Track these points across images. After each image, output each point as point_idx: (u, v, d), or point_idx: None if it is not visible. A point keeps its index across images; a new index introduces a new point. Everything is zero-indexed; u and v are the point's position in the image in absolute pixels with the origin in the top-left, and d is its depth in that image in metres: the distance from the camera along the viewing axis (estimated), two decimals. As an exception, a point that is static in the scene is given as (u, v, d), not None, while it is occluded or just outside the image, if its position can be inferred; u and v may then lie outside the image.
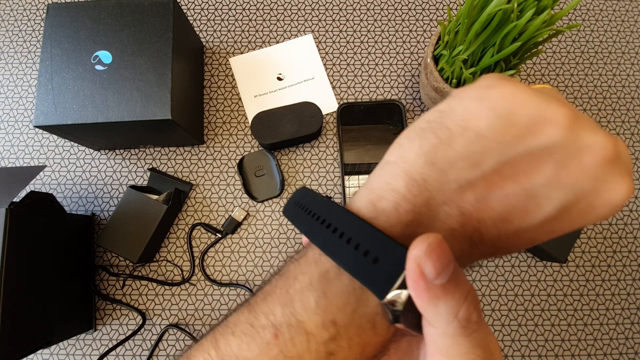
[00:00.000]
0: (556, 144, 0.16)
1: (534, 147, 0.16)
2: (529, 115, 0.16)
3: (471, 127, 0.16)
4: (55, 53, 0.41)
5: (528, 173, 0.16)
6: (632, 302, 0.46)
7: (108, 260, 0.47)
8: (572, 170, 0.16)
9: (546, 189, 0.16)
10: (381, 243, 0.16)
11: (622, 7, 0.54)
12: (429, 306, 0.15)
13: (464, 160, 0.16)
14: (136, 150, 0.50)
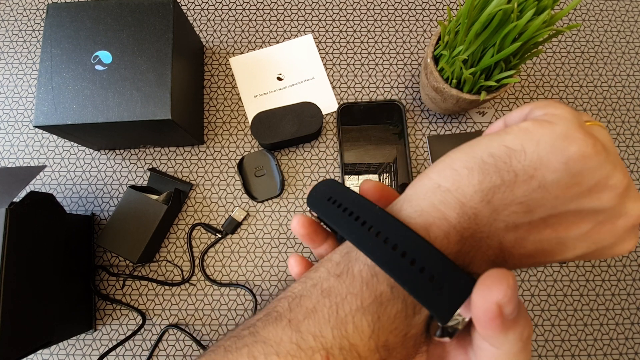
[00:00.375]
0: (606, 209, 0.17)
1: (587, 207, 0.17)
2: (596, 179, 0.17)
3: (537, 177, 0.17)
4: (55, 53, 0.41)
5: (569, 227, 0.17)
6: (632, 302, 0.46)
7: (108, 261, 0.47)
8: (604, 230, 0.18)
9: (576, 241, 0.18)
10: (447, 268, 0.16)
11: (622, 7, 0.54)
12: (500, 336, 0.15)
13: (518, 206, 0.17)
14: (136, 150, 0.50)
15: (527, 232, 0.17)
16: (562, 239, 0.18)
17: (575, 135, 0.17)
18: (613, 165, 0.17)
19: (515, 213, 0.17)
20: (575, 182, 0.17)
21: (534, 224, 0.17)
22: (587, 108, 0.51)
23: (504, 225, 0.17)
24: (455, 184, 0.18)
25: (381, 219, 0.18)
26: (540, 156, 0.17)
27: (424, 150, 0.50)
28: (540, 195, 0.17)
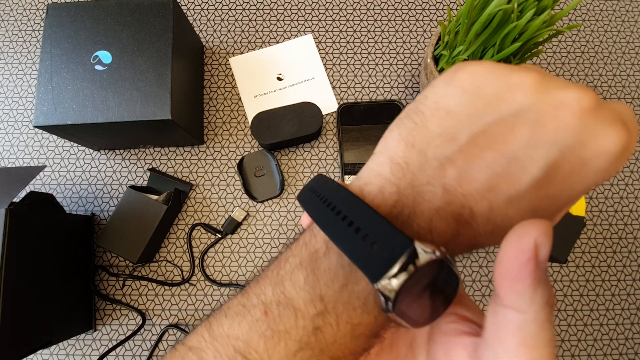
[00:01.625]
0: (527, 107, 0.16)
1: (505, 113, 0.16)
2: (495, 85, 0.16)
3: (442, 107, 0.17)
4: (55, 53, 0.41)
5: (504, 139, 0.16)
6: (632, 303, 0.46)
7: (108, 261, 0.47)
8: (549, 128, 0.15)
9: (526, 150, 0.16)
10: (381, 228, 0.16)
11: (622, 8, 0.54)
12: (529, 290, 0.14)
13: (439, 138, 0.17)
14: (136, 150, 0.50)
15: (465, 162, 0.16)
16: (509, 155, 0.16)
17: (463, 64, 0.18)
18: (510, 69, 0.17)
19: (439, 146, 0.17)
20: (478, 95, 0.17)
21: (465, 150, 0.16)
22: (587, 108, 0.51)
23: (437, 164, 0.17)
24: (383, 145, 0.19)
25: (331, 189, 0.19)
26: (438, 92, 0.18)
27: (424, 150, 0.50)
28: (453, 120, 0.17)
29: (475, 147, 0.16)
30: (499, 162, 0.16)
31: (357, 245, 0.16)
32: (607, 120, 0.15)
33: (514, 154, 0.16)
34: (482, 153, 0.16)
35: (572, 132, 0.15)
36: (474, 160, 0.16)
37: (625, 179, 0.49)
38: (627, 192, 0.49)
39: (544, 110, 0.16)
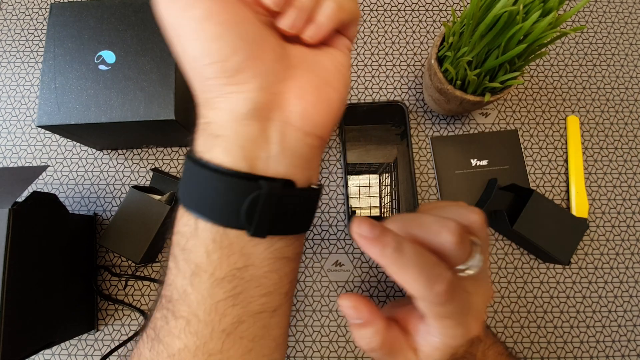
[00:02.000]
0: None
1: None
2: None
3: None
4: (58, 52, 0.41)
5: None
6: (634, 305, 0.46)
7: (110, 261, 0.47)
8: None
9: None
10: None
11: (626, 9, 0.54)
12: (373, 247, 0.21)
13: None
14: (139, 150, 0.50)
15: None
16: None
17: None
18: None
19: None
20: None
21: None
22: (590, 110, 0.51)
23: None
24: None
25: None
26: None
27: (426, 151, 0.50)
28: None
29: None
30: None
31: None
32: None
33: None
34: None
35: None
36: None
37: (628, 181, 0.49)
38: (630, 194, 0.49)
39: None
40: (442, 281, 0.19)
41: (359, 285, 0.46)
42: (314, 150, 0.19)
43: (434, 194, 0.49)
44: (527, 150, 0.50)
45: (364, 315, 0.22)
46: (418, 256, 0.20)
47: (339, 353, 0.44)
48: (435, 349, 0.22)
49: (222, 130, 0.17)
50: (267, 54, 0.18)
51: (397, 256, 0.19)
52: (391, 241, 0.19)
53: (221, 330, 0.18)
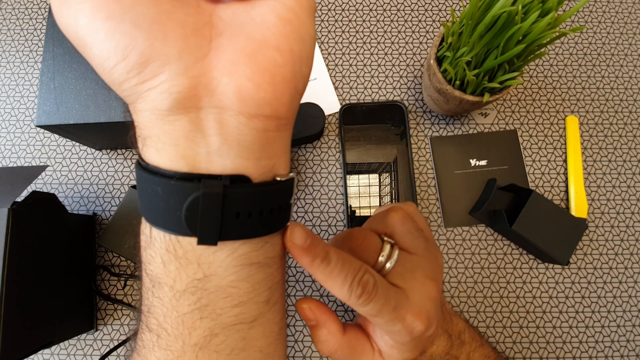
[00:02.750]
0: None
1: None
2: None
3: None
4: (57, 52, 0.41)
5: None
6: (633, 305, 0.46)
7: (109, 260, 0.47)
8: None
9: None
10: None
11: (625, 10, 0.54)
12: (304, 259, 0.21)
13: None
14: (138, 150, 0.50)
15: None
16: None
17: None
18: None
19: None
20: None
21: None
22: (589, 110, 0.51)
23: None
24: None
25: None
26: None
27: (426, 151, 0.50)
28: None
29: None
30: None
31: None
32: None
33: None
34: None
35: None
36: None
37: (627, 181, 0.49)
38: (630, 194, 0.49)
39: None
40: (361, 285, 0.20)
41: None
42: (268, 134, 0.16)
43: (433, 194, 0.49)
44: (526, 150, 0.50)
45: (318, 317, 0.23)
46: (342, 264, 0.20)
47: (338, 353, 0.44)
48: (391, 347, 0.23)
49: (149, 131, 0.15)
50: (174, 32, 0.14)
51: (324, 266, 0.20)
52: (320, 251, 0.19)
53: (193, 344, 0.17)
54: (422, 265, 0.24)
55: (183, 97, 0.14)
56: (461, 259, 0.47)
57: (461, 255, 0.47)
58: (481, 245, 0.47)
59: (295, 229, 0.18)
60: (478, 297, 0.46)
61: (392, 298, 0.21)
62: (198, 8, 0.15)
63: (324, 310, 0.24)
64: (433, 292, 0.24)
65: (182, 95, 0.14)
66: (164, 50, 0.14)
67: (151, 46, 0.14)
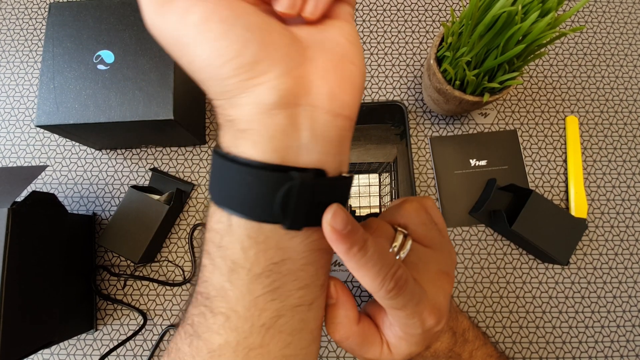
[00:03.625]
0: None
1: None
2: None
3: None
4: (57, 52, 0.41)
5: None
6: (633, 305, 0.46)
7: (109, 260, 0.47)
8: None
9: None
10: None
11: (625, 10, 0.54)
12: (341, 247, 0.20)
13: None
14: (138, 150, 0.50)
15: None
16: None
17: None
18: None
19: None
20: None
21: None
22: (589, 110, 0.51)
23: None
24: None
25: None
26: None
27: (426, 151, 0.50)
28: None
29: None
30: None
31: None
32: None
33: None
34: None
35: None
36: None
37: (627, 181, 0.49)
38: (629, 194, 0.49)
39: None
40: (394, 279, 0.20)
41: (357, 285, 0.46)
42: (344, 133, 0.19)
43: (433, 193, 0.49)
44: (526, 150, 0.50)
45: (339, 297, 0.22)
46: (378, 255, 0.20)
47: (337, 352, 0.44)
48: (400, 338, 0.23)
49: (249, 124, 0.17)
50: (278, 40, 0.17)
51: (360, 255, 0.19)
52: (359, 239, 0.19)
53: (260, 325, 0.18)
54: (436, 258, 0.24)
55: (286, 94, 0.17)
56: (461, 259, 0.47)
57: (461, 255, 0.47)
58: (481, 245, 0.47)
59: (338, 211, 0.18)
60: (478, 297, 0.46)
61: (417, 293, 0.22)
62: (285, 26, 0.19)
63: (346, 292, 0.23)
64: (446, 286, 0.24)
65: (286, 92, 0.17)
66: (272, 54, 0.17)
67: (262, 49, 0.16)
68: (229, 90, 0.17)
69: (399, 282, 0.20)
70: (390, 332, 0.23)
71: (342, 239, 0.18)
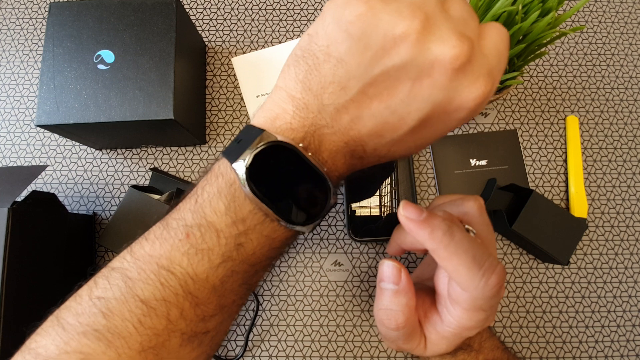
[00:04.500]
0: (408, 61, 0.17)
1: (390, 66, 0.17)
2: (381, 35, 0.17)
3: (332, 53, 0.18)
4: (57, 52, 0.41)
5: (388, 92, 0.18)
6: (633, 305, 0.46)
7: (109, 260, 0.47)
8: (425, 86, 0.17)
9: (405, 105, 0.18)
10: (245, 131, 0.20)
11: (625, 10, 0.54)
12: (422, 231, 0.21)
13: (332, 85, 0.18)
14: (138, 150, 0.50)
15: (357, 109, 0.18)
16: (392, 108, 0.18)
17: (349, 1, 0.17)
18: (396, 13, 0.16)
19: (333, 93, 0.18)
20: (364, 44, 0.17)
21: (356, 99, 0.18)
22: (589, 110, 0.51)
23: (333, 109, 0.19)
24: (283, 81, 0.20)
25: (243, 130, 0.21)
26: (327, 32, 0.18)
27: (426, 151, 0.50)
28: (343, 69, 0.18)
29: (365, 97, 0.18)
30: (383, 113, 0.18)
31: (231, 147, 0.19)
32: (472, 77, 0.17)
33: (395, 107, 0.18)
34: (370, 103, 0.18)
35: (441, 91, 0.17)
36: (364, 109, 0.18)
37: (627, 181, 0.49)
38: (630, 194, 0.49)
39: (421, 67, 0.17)
40: (496, 272, 0.19)
41: (357, 285, 0.46)
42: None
43: (433, 193, 0.49)
44: (526, 150, 0.50)
45: (403, 282, 0.21)
46: (470, 242, 0.19)
47: (337, 353, 0.44)
48: (443, 337, 0.22)
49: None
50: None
51: (447, 240, 0.18)
52: (441, 224, 0.19)
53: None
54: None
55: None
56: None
57: (461, 255, 0.47)
58: (481, 245, 0.47)
59: (407, 203, 0.19)
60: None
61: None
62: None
63: (410, 280, 0.22)
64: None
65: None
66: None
67: None
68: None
69: (500, 275, 0.19)
70: (435, 329, 0.22)
71: (422, 225, 0.18)
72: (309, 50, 0.19)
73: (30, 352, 0.19)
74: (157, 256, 0.19)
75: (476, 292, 0.19)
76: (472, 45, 0.16)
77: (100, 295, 0.19)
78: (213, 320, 0.20)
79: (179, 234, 0.19)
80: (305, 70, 0.19)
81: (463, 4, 0.18)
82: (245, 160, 0.18)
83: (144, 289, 0.19)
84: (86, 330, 0.18)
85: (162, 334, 0.19)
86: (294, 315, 0.45)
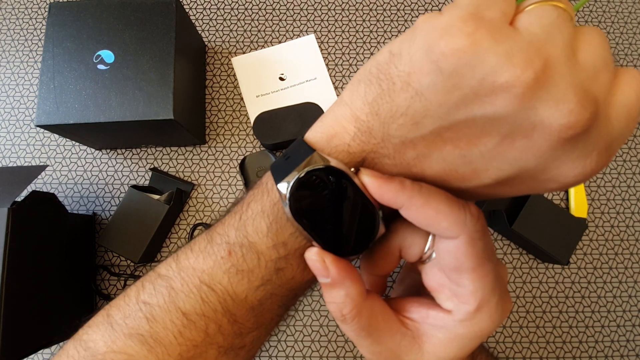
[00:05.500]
0: (504, 116, 0.14)
1: (479, 116, 0.14)
2: (478, 77, 0.13)
3: (412, 83, 0.15)
4: (57, 52, 0.41)
5: (469, 140, 0.15)
6: (633, 305, 0.46)
7: (109, 260, 0.47)
8: (517, 146, 0.14)
9: (484, 159, 0.15)
10: (296, 146, 0.18)
11: (625, 9, 0.54)
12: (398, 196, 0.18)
13: (403, 117, 0.16)
14: (138, 150, 0.50)
15: (426, 149, 0.16)
16: (468, 157, 0.15)
17: (452, 25, 0.13)
18: (505, 57, 0.13)
19: (403, 126, 0.16)
20: (453, 83, 0.14)
21: (428, 138, 0.16)
22: (589, 110, 0.51)
23: (399, 141, 0.17)
24: (349, 97, 0.18)
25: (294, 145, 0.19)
26: (412, 58, 0.15)
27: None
28: (421, 104, 0.15)
29: (438, 138, 0.16)
30: (456, 160, 0.16)
31: (279, 163, 0.19)
32: (583, 151, 0.14)
33: (472, 158, 0.16)
34: (443, 146, 0.16)
35: (536, 158, 0.14)
36: (434, 150, 0.16)
37: (627, 181, 0.49)
38: (630, 193, 0.49)
39: (519, 127, 0.14)
40: (469, 202, 0.17)
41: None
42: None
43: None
44: (526, 150, 0.50)
45: (332, 274, 0.18)
46: (436, 190, 0.17)
47: (337, 353, 0.44)
48: (455, 337, 0.18)
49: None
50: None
51: (418, 186, 0.17)
52: (401, 180, 0.17)
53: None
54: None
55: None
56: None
57: (461, 255, 0.47)
58: (481, 245, 0.47)
59: (364, 169, 0.18)
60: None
61: (496, 272, 0.20)
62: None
63: (343, 267, 0.19)
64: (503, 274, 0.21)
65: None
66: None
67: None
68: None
69: (473, 204, 0.17)
70: (446, 328, 0.18)
71: (387, 180, 0.16)
72: (387, 72, 0.16)
73: (82, 344, 0.20)
74: (200, 270, 0.20)
75: (467, 228, 0.17)
76: (596, 112, 0.13)
77: (146, 300, 0.20)
78: (250, 335, 0.20)
79: (222, 251, 0.19)
80: (376, 93, 0.16)
81: (600, 47, 0.14)
82: (289, 184, 0.17)
83: (185, 302, 0.19)
84: (132, 332, 0.19)
85: (200, 345, 0.19)
86: (294, 315, 0.45)
